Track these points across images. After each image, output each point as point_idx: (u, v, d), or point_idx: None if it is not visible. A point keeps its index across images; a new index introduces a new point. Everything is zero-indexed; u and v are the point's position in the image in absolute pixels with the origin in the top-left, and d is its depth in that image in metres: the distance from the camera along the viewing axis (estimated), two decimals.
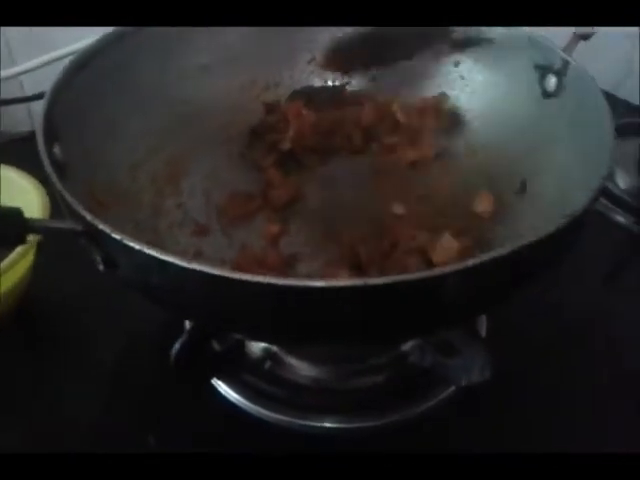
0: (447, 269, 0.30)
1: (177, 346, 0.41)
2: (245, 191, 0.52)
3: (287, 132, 0.53)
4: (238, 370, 0.47)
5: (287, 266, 0.46)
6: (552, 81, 0.49)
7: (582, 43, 0.49)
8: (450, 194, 0.51)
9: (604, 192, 0.54)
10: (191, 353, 0.43)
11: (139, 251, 0.31)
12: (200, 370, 0.45)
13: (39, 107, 0.41)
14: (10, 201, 0.36)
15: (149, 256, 0.31)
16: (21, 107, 0.78)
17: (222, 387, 0.47)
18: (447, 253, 0.44)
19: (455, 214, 0.50)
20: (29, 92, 0.75)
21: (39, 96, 0.69)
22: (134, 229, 0.46)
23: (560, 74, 0.48)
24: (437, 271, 0.30)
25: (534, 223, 0.47)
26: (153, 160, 0.51)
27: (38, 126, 0.39)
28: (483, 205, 0.49)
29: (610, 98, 0.43)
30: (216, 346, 0.45)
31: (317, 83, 0.59)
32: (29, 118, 0.81)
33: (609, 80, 0.50)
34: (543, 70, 0.49)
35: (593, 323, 0.53)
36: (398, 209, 0.50)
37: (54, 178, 0.35)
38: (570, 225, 0.34)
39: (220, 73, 0.56)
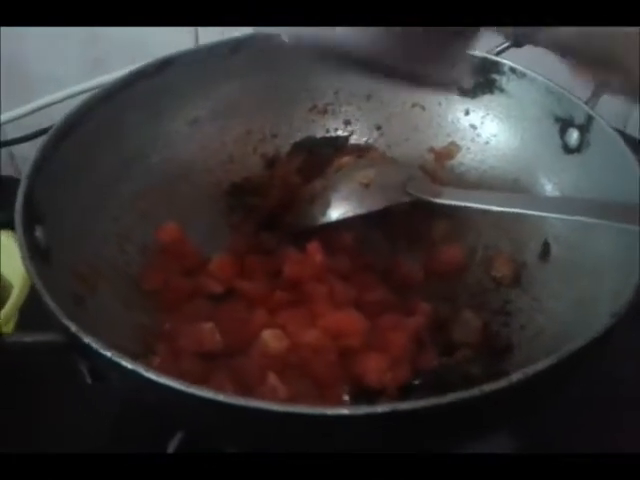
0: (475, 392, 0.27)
1: (173, 445, 0.37)
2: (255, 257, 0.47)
3: (267, 198, 0.49)
4: None
5: None
6: (574, 135, 0.46)
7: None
8: (467, 257, 0.47)
9: None
10: (188, 449, 0.39)
11: (132, 371, 0.28)
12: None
13: (22, 150, 0.37)
14: None
15: (144, 377, 0.27)
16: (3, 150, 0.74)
17: None
18: (469, 331, 0.41)
19: (473, 279, 0.46)
20: (10, 135, 0.72)
21: (21, 139, 0.66)
22: (124, 309, 0.42)
23: (583, 129, 0.45)
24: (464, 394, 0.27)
25: (557, 290, 0.44)
26: (143, 226, 0.47)
27: (17, 212, 0.35)
28: (502, 270, 0.46)
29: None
30: None
31: (319, 133, 0.55)
32: (12, 162, 0.77)
33: (614, 115, 0.47)
34: (564, 123, 0.46)
35: None
36: (417, 274, 0.46)
37: (37, 281, 0.32)
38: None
39: (212, 126, 0.52)
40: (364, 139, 0.55)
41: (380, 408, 0.26)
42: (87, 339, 0.29)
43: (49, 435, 0.41)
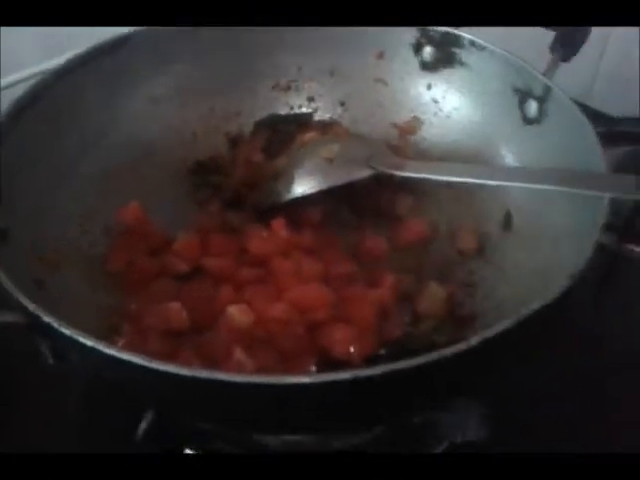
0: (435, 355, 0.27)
1: (144, 425, 0.37)
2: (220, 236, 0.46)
3: (231, 177, 0.49)
4: (209, 437, 0.43)
5: None
6: (533, 106, 0.46)
7: (543, 51, 0.46)
8: (431, 230, 0.48)
9: None
10: (160, 428, 0.39)
11: (92, 348, 0.27)
12: (170, 442, 0.41)
13: None
14: None
15: (105, 354, 0.27)
16: None
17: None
18: (434, 302, 0.41)
19: (438, 251, 0.47)
20: None
21: None
22: (88, 290, 0.42)
23: (541, 100, 0.45)
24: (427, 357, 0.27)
25: (520, 259, 0.44)
26: (107, 206, 0.46)
27: None
28: (466, 242, 0.46)
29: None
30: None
31: (282, 110, 0.55)
32: None
33: (576, 88, 0.48)
34: (523, 95, 0.47)
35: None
36: (382, 248, 0.46)
37: None
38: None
39: (173, 104, 0.52)
40: (328, 115, 0.55)
41: (341, 375, 0.27)
42: (46, 318, 0.28)
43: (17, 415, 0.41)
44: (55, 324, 0.28)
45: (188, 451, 0.43)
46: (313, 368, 0.36)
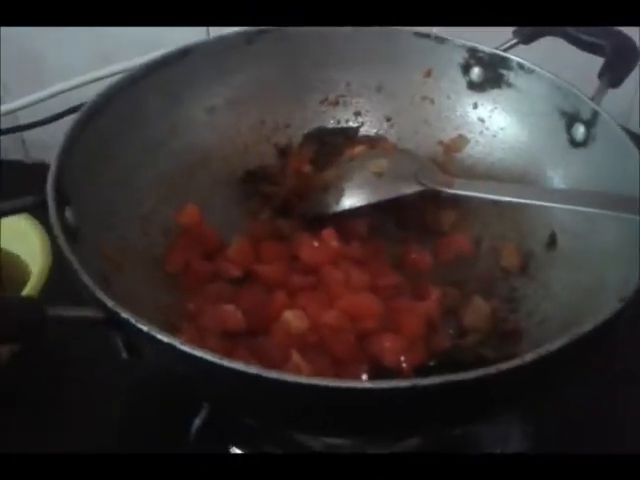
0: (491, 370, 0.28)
1: (197, 422, 0.39)
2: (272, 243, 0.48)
3: (282, 185, 0.51)
4: (256, 437, 0.45)
5: None
6: (580, 130, 0.47)
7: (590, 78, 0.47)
8: (475, 246, 0.49)
9: None
10: (211, 426, 0.41)
11: (168, 344, 0.29)
12: (220, 441, 0.43)
13: (32, 135, 0.38)
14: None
15: (179, 350, 0.29)
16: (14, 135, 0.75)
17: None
18: (478, 316, 0.42)
19: (481, 267, 0.48)
20: (22, 120, 0.72)
21: (33, 125, 0.66)
22: (149, 289, 0.44)
23: (589, 124, 0.46)
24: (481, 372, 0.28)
25: (564, 278, 0.45)
26: (165, 210, 0.48)
27: (49, 195, 0.36)
28: (510, 259, 0.47)
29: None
30: None
31: (330, 124, 0.57)
32: (22, 146, 0.78)
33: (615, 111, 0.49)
34: (570, 118, 0.48)
35: None
36: (427, 261, 0.48)
37: (72, 259, 0.33)
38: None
39: (228, 114, 0.54)
40: (374, 130, 0.56)
41: (402, 383, 0.28)
42: (124, 314, 0.30)
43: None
44: (133, 320, 0.30)
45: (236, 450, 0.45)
46: (365, 376, 0.37)
